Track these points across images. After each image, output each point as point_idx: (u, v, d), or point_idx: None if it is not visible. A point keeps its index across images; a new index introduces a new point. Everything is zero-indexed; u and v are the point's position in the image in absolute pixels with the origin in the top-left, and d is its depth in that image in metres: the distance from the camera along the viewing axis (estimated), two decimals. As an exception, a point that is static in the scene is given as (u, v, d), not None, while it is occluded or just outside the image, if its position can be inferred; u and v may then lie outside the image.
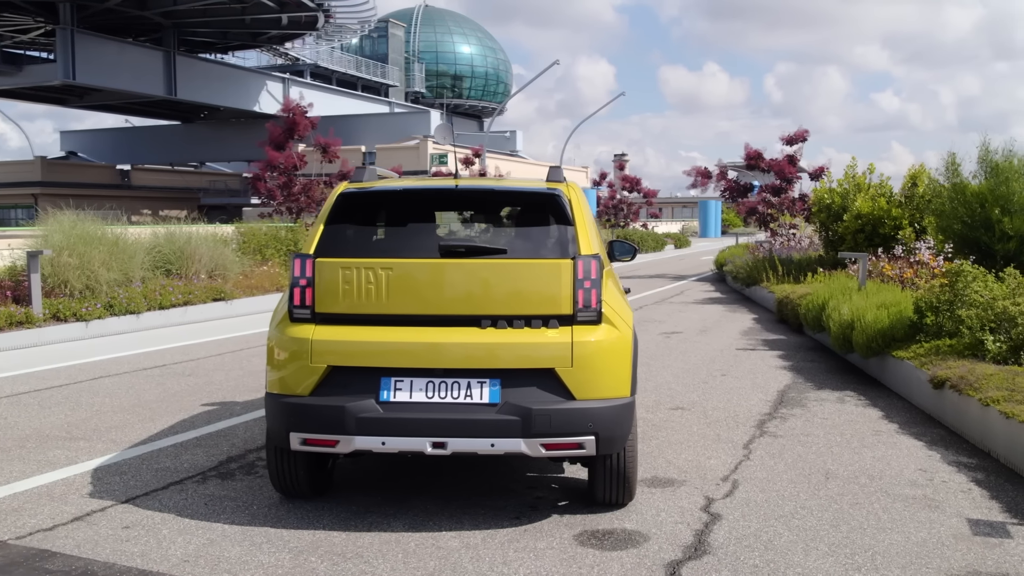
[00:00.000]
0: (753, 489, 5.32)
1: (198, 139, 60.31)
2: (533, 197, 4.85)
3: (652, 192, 46.90)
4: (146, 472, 5.60)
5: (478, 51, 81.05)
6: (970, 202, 11.75)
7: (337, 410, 4.41)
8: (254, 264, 16.25)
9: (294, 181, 20.38)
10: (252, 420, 6.99)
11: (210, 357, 10.09)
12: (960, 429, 6.64)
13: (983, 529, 4.66)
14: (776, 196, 23.62)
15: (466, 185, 5.13)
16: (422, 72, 76.66)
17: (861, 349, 8.87)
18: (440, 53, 78.75)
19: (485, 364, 4.44)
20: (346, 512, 4.85)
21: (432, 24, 79.43)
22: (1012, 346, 7.25)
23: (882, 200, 15.56)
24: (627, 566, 4.14)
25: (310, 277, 4.60)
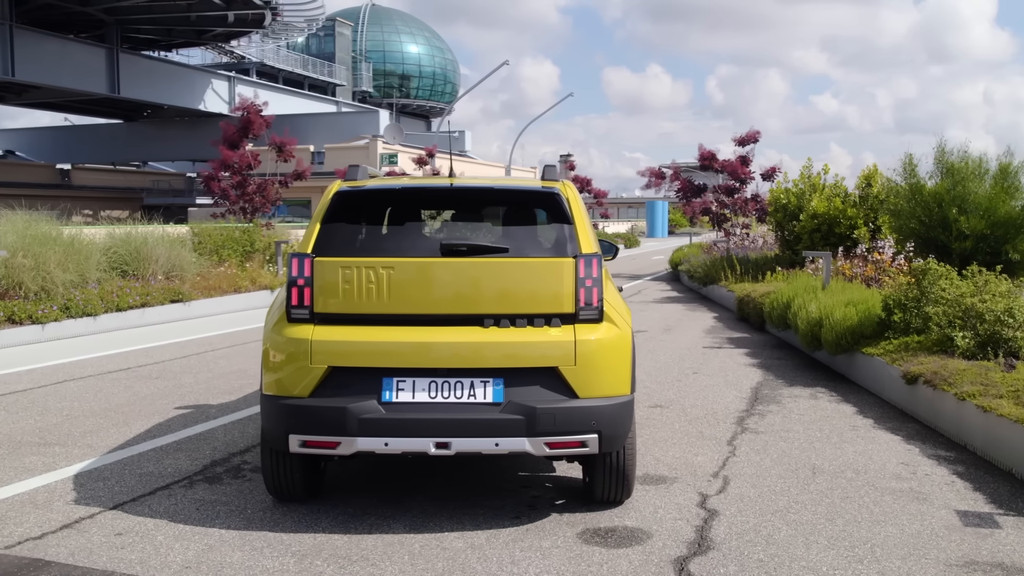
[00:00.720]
0: (744, 485, 5.38)
1: (141, 138, 59.05)
2: (532, 196, 4.84)
3: (603, 192, 47.16)
4: (130, 477, 5.46)
5: (426, 51, 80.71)
6: (927, 202, 12.03)
7: (339, 411, 4.34)
8: (211, 265, 15.97)
9: (248, 181, 20.08)
10: (231, 423, 6.86)
11: (175, 360, 9.89)
12: (935, 423, 6.79)
13: (972, 520, 4.77)
14: (729, 196, 23.89)
15: (464, 184, 5.10)
16: (369, 71, 76.08)
17: (830, 346, 9.03)
18: (387, 52, 78.23)
19: (488, 363, 4.42)
20: (343, 514, 4.79)
21: (379, 23, 78.89)
22: (980, 342, 7.43)
23: (837, 200, 15.86)
24: (635, 563, 4.15)
25: (308, 277, 4.53)
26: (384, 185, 5.02)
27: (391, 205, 5.04)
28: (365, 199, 4.95)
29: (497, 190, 4.95)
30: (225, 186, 19.96)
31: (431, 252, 4.58)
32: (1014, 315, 7.30)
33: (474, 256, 4.54)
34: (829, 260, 11.37)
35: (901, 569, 4.11)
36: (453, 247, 4.54)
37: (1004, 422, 5.67)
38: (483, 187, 5.01)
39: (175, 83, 51.51)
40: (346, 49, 73.42)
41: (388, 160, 47.11)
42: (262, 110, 20.07)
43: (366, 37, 76.85)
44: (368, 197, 4.98)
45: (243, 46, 58.80)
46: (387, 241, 4.80)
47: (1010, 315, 7.30)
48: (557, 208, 4.75)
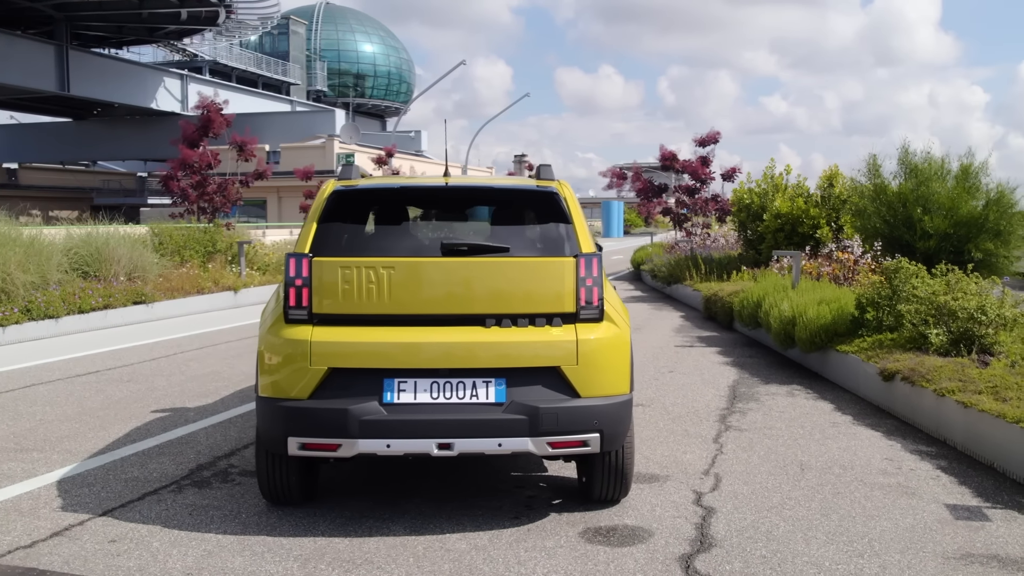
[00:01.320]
0: (736, 482, 5.42)
1: (91, 137, 57.92)
2: (531, 195, 4.83)
3: (561, 193, 47.18)
4: (115, 483, 5.34)
5: (381, 50, 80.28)
6: (892, 202, 12.26)
7: (339, 413, 4.29)
8: (173, 266, 15.70)
9: (209, 180, 19.77)
10: (211, 426, 6.75)
11: (145, 362, 9.70)
12: (912, 419, 6.91)
13: (962, 514, 4.86)
14: (690, 196, 24.12)
15: (462, 183, 5.07)
16: (324, 71, 75.50)
17: (804, 344, 9.14)
18: (342, 52, 77.67)
19: (491, 363, 4.40)
20: (341, 518, 4.73)
21: (334, 22, 78.29)
22: (953, 339, 7.58)
23: (800, 200, 16.07)
24: (640, 562, 4.16)
25: (306, 277, 4.47)
26: (381, 184, 4.98)
27: (388, 204, 4.99)
28: (362, 199, 4.89)
29: (496, 189, 4.93)
30: (184, 186, 19.64)
31: (431, 252, 4.55)
32: (986, 312, 7.46)
33: (475, 256, 4.51)
34: (799, 259, 11.53)
35: (901, 563, 4.17)
36: (453, 247, 4.50)
37: (986, 417, 5.79)
38: (481, 186, 4.98)
39: (126, 81, 50.64)
40: (300, 48, 72.75)
41: (345, 160, 46.77)
42: (223, 108, 19.79)
43: (320, 36, 76.23)
44: (365, 197, 4.93)
45: (196, 44, 57.96)
46: (386, 241, 4.75)
47: (982, 312, 7.45)
48: (556, 207, 4.74)
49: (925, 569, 4.10)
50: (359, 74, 78.72)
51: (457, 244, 4.51)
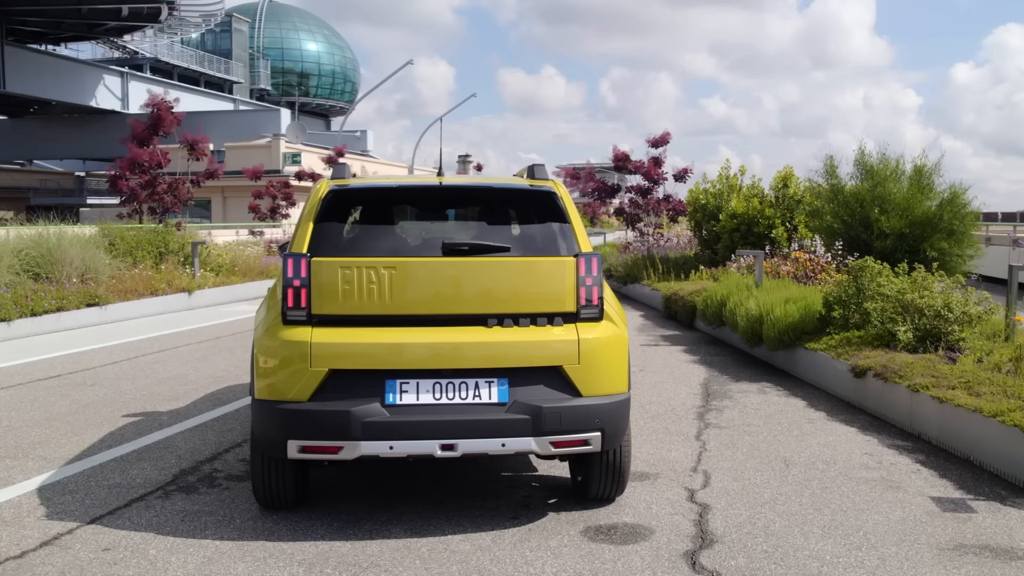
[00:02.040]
0: (726, 479, 5.48)
1: (27, 135, 56.32)
2: (529, 195, 4.82)
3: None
4: (98, 489, 5.20)
5: (325, 49, 79.49)
6: (849, 202, 12.51)
7: (342, 415, 4.24)
8: (126, 267, 15.35)
9: (159, 180, 19.36)
10: (188, 431, 6.61)
11: (106, 366, 9.46)
12: (885, 414, 7.06)
13: (948, 506, 4.98)
14: (643, 197, 24.33)
15: (458, 182, 5.05)
16: (267, 69, 74.51)
17: (772, 342, 9.28)
18: (286, 50, 76.72)
19: (493, 363, 4.38)
20: (337, 521, 4.67)
21: (277, 20, 77.29)
22: (919, 336, 7.77)
23: (755, 200, 16.31)
24: (647, 559, 4.19)
25: (304, 277, 4.40)
26: (379, 184, 4.93)
27: (385, 204, 4.94)
28: (359, 198, 4.84)
29: (494, 188, 4.91)
30: (134, 185, 19.21)
31: (432, 251, 4.51)
32: (952, 309, 7.65)
33: (476, 255, 4.49)
34: (762, 259, 11.70)
35: (898, 554, 4.26)
36: (455, 246, 4.48)
37: (962, 412, 5.94)
38: (478, 186, 4.96)
39: (65, 78, 49.39)
40: (243, 46, 71.72)
41: (291, 159, 46.22)
42: (173, 107, 19.40)
43: (264, 34, 75.19)
44: (362, 196, 4.88)
45: (136, 41, 56.71)
46: (385, 240, 4.70)
47: (948, 309, 7.64)
48: (553, 207, 4.75)
49: (922, 561, 4.19)
50: (303, 73, 77.85)
51: (458, 244, 4.49)
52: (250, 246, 20.93)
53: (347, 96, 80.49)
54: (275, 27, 76.50)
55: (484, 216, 4.76)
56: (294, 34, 77.68)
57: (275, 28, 76.44)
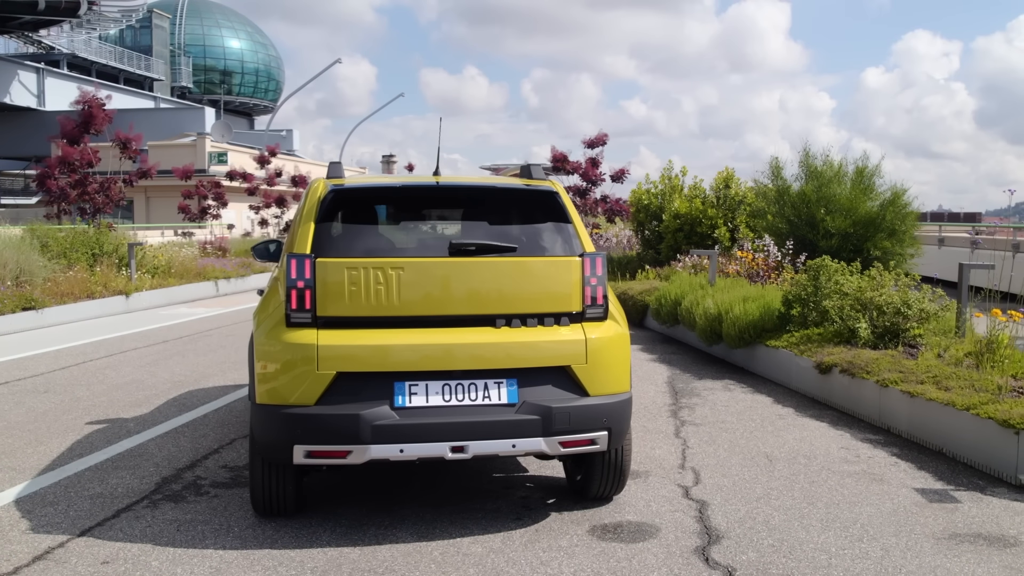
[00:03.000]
0: (714, 475, 5.55)
1: (-66, 133, 53.92)
2: (532, 195, 4.80)
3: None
4: (80, 500, 5.00)
5: (248, 46, 77.99)
6: (796, 203, 12.82)
7: (351, 419, 4.16)
8: (60, 269, 14.81)
9: (90, 179, 18.72)
10: (159, 437, 6.41)
11: (55, 371, 9.12)
12: (852, 410, 7.24)
13: (933, 497, 5.14)
14: (582, 198, 24.51)
15: (461, 182, 5.00)
16: (189, 66, 72.80)
17: (732, 340, 9.44)
18: (208, 47, 75.06)
19: (502, 364, 4.36)
20: (340, 527, 4.59)
21: (199, 16, 75.54)
22: (878, 333, 8.00)
23: (697, 201, 16.59)
24: (660, 556, 4.21)
25: (309, 279, 4.31)
26: (381, 183, 4.86)
27: (388, 204, 4.86)
28: (361, 198, 4.75)
29: (496, 188, 4.87)
30: (63, 184, 18.54)
31: (438, 252, 4.47)
32: (910, 306, 7.89)
33: (483, 255, 4.46)
34: (715, 258, 11.89)
35: (899, 545, 4.37)
36: (462, 246, 4.44)
37: (934, 405, 6.13)
38: (481, 186, 4.92)
39: (-25, 73, 47.44)
40: (164, 42, 69.94)
41: (218, 159, 45.23)
42: (105, 104, 18.79)
43: (185, 30, 73.44)
44: (364, 196, 4.79)
45: (52, 36, 54.79)
46: (389, 241, 4.62)
47: (907, 306, 7.88)
48: (556, 207, 4.74)
49: (923, 550, 4.31)
50: (226, 71, 76.28)
51: (466, 244, 4.45)
52: (185, 247, 20.42)
53: (271, 95, 79.16)
54: (197, 23, 74.78)
55: (486, 216, 4.72)
56: (216, 31, 76.05)
57: (197, 24, 74.72)
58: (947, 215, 50.93)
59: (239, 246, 24.49)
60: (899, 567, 4.10)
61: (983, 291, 8.14)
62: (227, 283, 18.96)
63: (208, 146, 46.51)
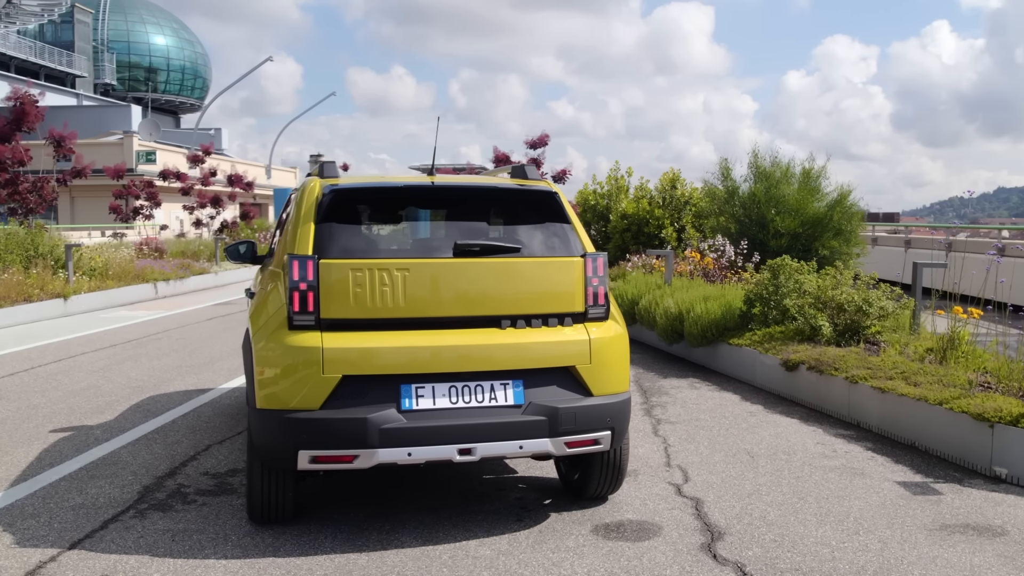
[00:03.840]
0: (702, 472, 5.62)
1: None
2: (531, 195, 4.79)
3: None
4: (61, 511, 4.82)
5: (174, 43, 76.14)
6: (746, 203, 13.04)
7: (358, 422, 4.09)
8: (-8, 272, 14.27)
9: (21, 178, 18.05)
10: (130, 445, 6.22)
11: (5, 378, 8.77)
12: (820, 406, 7.39)
13: (916, 489, 5.28)
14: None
15: (460, 183, 4.96)
16: (113, 63, 70.75)
17: (694, 339, 9.56)
18: (133, 43, 73.04)
19: (508, 365, 4.34)
20: (340, 533, 4.51)
21: (123, 11, 73.47)
22: (840, 330, 8.19)
23: (644, 202, 16.77)
24: (668, 554, 4.24)
25: (312, 280, 4.23)
26: (381, 184, 4.78)
27: (387, 204, 4.78)
28: (360, 198, 4.67)
29: (497, 189, 4.84)
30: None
31: (442, 252, 4.42)
32: (871, 304, 8.10)
33: (487, 256, 4.43)
34: (671, 258, 12.03)
35: (895, 537, 4.48)
36: (466, 247, 4.40)
37: (906, 401, 6.30)
38: (482, 186, 4.88)
39: None
40: (86, 38, 67.85)
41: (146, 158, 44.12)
42: (38, 100, 18.14)
43: (108, 26, 71.33)
44: (364, 196, 4.71)
45: (-32, 29, 52.74)
46: (392, 242, 4.56)
47: (868, 304, 8.09)
48: (556, 208, 4.74)
49: (918, 541, 4.43)
50: (151, 68, 74.32)
51: (470, 244, 4.41)
52: (122, 248, 19.86)
53: (198, 92, 77.45)
54: (120, 19, 72.74)
55: (486, 216, 4.69)
56: (141, 27, 74.08)
57: (120, 20, 72.68)
58: (867, 215, 52.52)
59: (175, 247, 23.93)
60: (900, 558, 4.20)
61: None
62: (166, 285, 18.50)
63: (136, 145, 45.31)
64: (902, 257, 19.35)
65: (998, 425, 5.48)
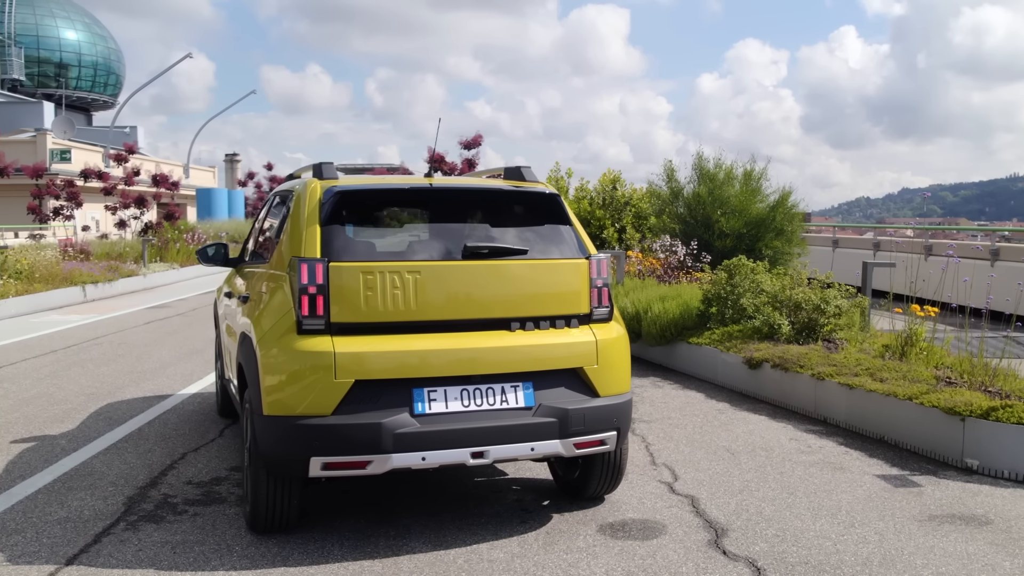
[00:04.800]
0: (690, 470, 5.71)
1: None
2: (534, 198, 4.79)
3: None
4: (47, 526, 4.64)
5: (86, 38, 73.63)
6: (691, 204, 13.28)
7: (372, 427, 4.04)
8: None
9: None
10: (101, 454, 6.01)
11: (-55, 388, 8.39)
12: (785, 402, 7.58)
13: (896, 482, 5.47)
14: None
15: (461, 184, 4.94)
16: (21, 58, 68.11)
17: (652, 339, 9.70)
18: (42, 38, 70.40)
19: (518, 367, 4.35)
20: (346, 540, 4.45)
21: (31, 5, 70.72)
22: (798, 329, 8.42)
23: (585, 202, 16.91)
24: (679, 552, 4.30)
25: (321, 284, 4.16)
26: (385, 186, 4.72)
27: (394, 206, 4.71)
28: (363, 200, 4.60)
29: (501, 191, 4.81)
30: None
31: (451, 255, 4.39)
32: (828, 303, 8.34)
33: (497, 258, 4.43)
34: (623, 259, 12.16)
35: (889, 529, 4.63)
36: (476, 249, 4.39)
37: (874, 396, 6.50)
38: (485, 188, 4.84)
39: None
40: (-9, 31, 65.18)
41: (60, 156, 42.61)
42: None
43: (15, 19, 68.56)
44: (369, 198, 4.64)
45: None
46: (399, 244, 4.50)
47: (826, 303, 8.33)
48: (557, 209, 4.76)
49: (912, 532, 4.58)
50: (62, 63, 71.73)
51: (479, 247, 4.40)
52: (47, 250, 19.15)
53: (111, 89, 75.05)
54: (29, 12, 70.03)
55: (489, 219, 4.67)
56: (51, 21, 71.49)
57: (29, 14, 69.98)
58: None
59: (101, 249, 23.15)
60: (900, 549, 4.35)
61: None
62: (95, 288, 17.90)
63: (49, 143, 43.74)
64: (830, 256, 19.95)
65: (969, 419, 5.71)
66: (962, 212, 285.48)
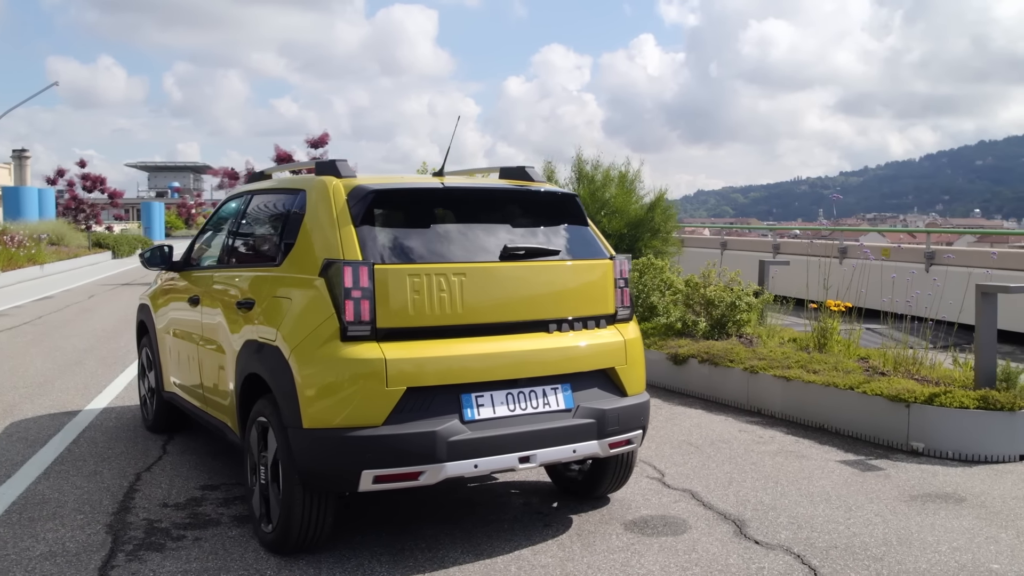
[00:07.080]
0: (669, 465, 5.86)
1: None
2: (556, 198, 4.75)
3: (119, 193, 43.20)
4: (33, 563, 4.16)
5: None
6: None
7: (427, 436, 3.90)
8: None
9: None
10: (41, 479, 5.46)
11: None
12: (715, 396, 7.90)
13: (860, 467, 5.83)
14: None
15: (489, 185, 4.82)
16: None
17: (564, 337, 9.81)
18: None
19: (558, 369, 4.32)
20: (382, 555, 4.27)
21: None
22: (712, 324, 8.80)
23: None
24: (715, 544, 4.41)
25: (367, 288, 3.96)
26: (412, 185, 4.53)
27: (419, 207, 4.50)
28: (396, 200, 4.40)
29: (524, 192, 4.71)
30: None
31: (487, 256, 4.29)
32: (742, 299, 8.76)
33: (533, 259, 4.37)
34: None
35: (884, 510, 4.94)
36: (514, 251, 4.31)
37: (813, 387, 6.90)
38: (509, 188, 4.71)
39: None
40: None
41: None
42: None
43: None
44: (400, 198, 4.43)
45: None
46: (441, 245, 4.29)
47: (739, 299, 8.74)
48: (576, 210, 4.75)
49: (904, 512, 4.91)
50: None
51: (517, 248, 4.32)
52: None
53: None
54: None
55: (516, 220, 4.58)
56: None
57: None
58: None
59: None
60: (907, 528, 4.65)
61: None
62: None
63: None
64: (719, 257, 20.83)
65: (914, 405, 6.16)
66: (752, 212, 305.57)
